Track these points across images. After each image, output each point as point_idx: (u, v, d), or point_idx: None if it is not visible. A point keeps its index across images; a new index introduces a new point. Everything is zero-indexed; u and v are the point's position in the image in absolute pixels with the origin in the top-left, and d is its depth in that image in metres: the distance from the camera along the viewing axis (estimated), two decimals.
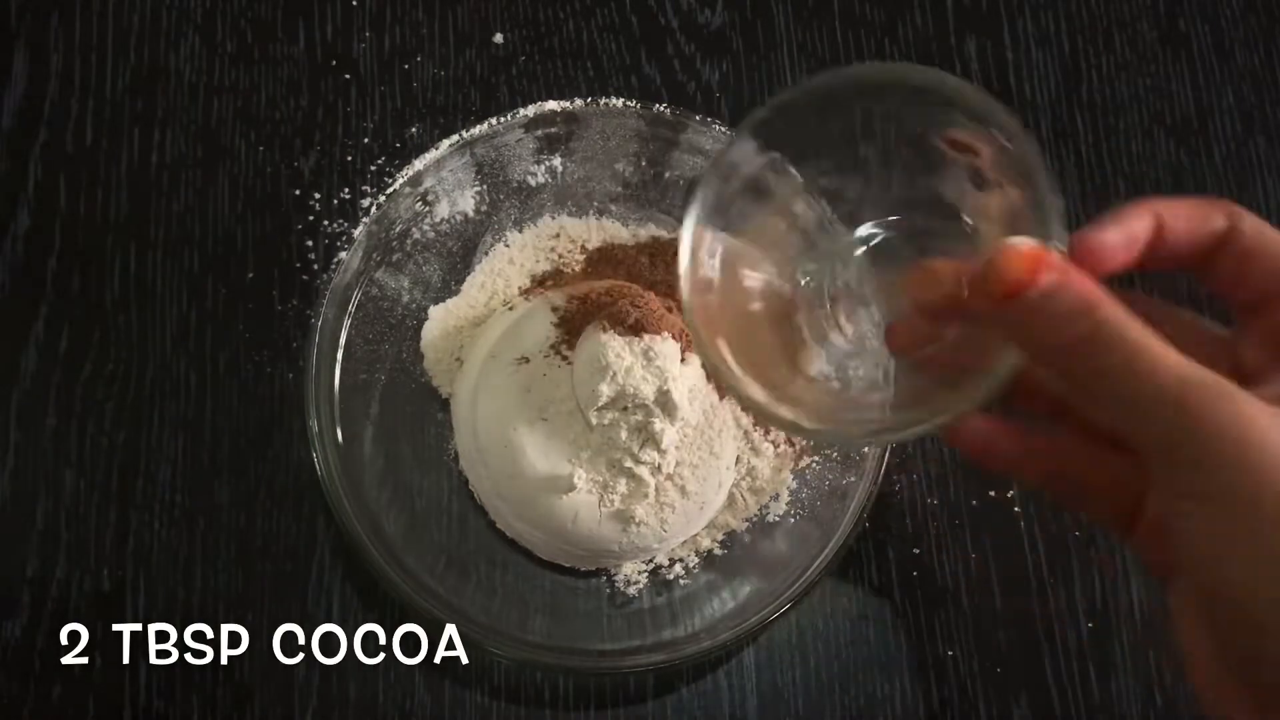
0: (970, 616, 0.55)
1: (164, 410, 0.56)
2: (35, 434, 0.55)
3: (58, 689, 0.52)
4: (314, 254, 0.58)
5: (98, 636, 0.52)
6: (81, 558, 0.53)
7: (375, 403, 0.55)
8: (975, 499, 0.57)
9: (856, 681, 0.54)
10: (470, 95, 0.61)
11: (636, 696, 0.53)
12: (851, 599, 0.55)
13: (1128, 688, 0.55)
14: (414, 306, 0.56)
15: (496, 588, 0.53)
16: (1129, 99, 0.64)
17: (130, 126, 0.60)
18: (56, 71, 0.60)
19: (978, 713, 0.54)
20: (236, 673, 0.52)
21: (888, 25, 0.64)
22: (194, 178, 0.59)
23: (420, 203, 0.55)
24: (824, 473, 0.54)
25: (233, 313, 0.57)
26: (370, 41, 0.62)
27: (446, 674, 0.53)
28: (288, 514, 0.54)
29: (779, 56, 0.63)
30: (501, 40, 0.62)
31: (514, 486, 0.51)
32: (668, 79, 0.62)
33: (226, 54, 0.61)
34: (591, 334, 0.51)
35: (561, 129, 0.56)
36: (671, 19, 0.63)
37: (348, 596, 0.54)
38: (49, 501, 0.54)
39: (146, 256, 0.58)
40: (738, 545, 0.55)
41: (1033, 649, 0.55)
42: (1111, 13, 0.65)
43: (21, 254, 0.57)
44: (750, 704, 0.53)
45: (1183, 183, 0.63)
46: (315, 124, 0.60)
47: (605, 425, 0.50)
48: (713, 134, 0.55)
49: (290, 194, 0.59)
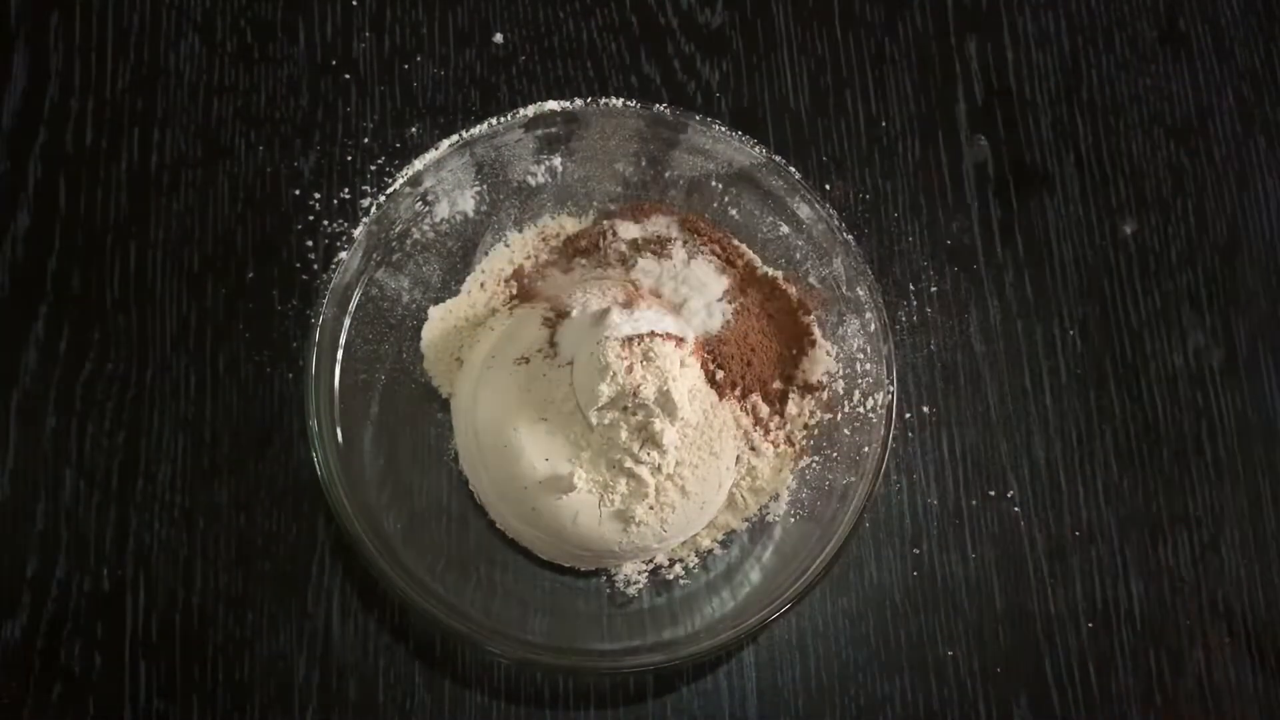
0: (970, 616, 0.55)
1: (164, 410, 0.56)
2: (35, 434, 0.55)
3: (58, 689, 0.52)
4: (314, 254, 0.58)
5: (98, 636, 0.53)
6: (81, 558, 0.53)
7: (375, 403, 0.55)
8: (975, 499, 0.57)
9: (856, 681, 0.54)
10: (470, 95, 0.61)
11: (636, 696, 0.53)
12: (851, 599, 0.55)
13: (1128, 688, 0.55)
14: (414, 306, 0.56)
15: (496, 588, 0.53)
16: (1129, 99, 0.64)
17: (130, 126, 0.60)
18: (56, 71, 0.60)
19: (978, 713, 0.54)
20: (236, 673, 0.52)
21: (888, 25, 0.64)
22: (194, 178, 0.59)
23: (420, 203, 0.55)
24: (824, 473, 0.54)
25: (233, 313, 0.57)
26: (370, 41, 0.62)
27: (446, 674, 0.53)
28: (288, 514, 0.54)
29: (779, 56, 0.63)
30: (501, 40, 0.62)
31: (514, 486, 0.51)
32: (668, 79, 0.62)
33: (226, 54, 0.61)
34: (587, 332, 0.51)
35: (561, 129, 0.56)
36: (671, 19, 0.63)
37: (348, 596, 0.54)
38: (49, 501, 0.54)
39: (146, 256, 0.58)
40: (738, 545, 0.55)
41: (1033, 649, 0.55)
42: (1111, 13, 0.65)
43: (21, 254, 0.57)
44: (750, 704, 0.53)
45: (1183, 183, 0.63)
46: (315, 124, 0.60)
47: (605, 425, 0.50)
48: (713, 134, 0.55)
49: (290, 194, 0.59)
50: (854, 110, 0.63)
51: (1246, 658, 0.55)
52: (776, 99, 0.62)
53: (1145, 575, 0.56)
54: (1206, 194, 0.63)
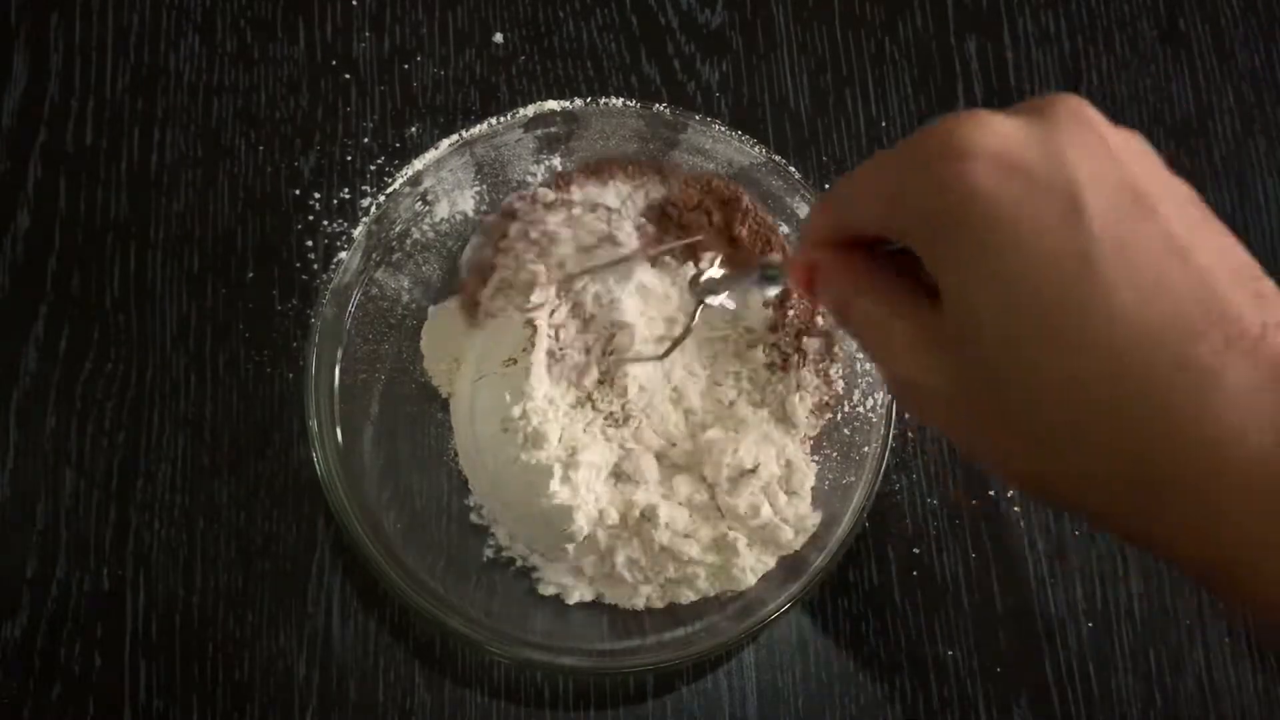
0: (970, 616, 0.55)
1: (164, 410, 0.56)
2: (35, 434, 0.55)
3: (58, 689, 0.52)
4: (314, 254, 0.58)
5: (98, 636, 0.53)
6: (81, 558, 0.53)
7: (375, 403, 0.55)
8: (975, 499, 0.57)
9: (856, 681, 0.54)
10: (470, 95, 0.61)
11: (636, 696, 0.53)
12: (851, 599, 0.55)
13: (1128, 688, 0.55)
14: (414, 306, 0.56)
15: (496, 587, 0.53)
16: (1129, 99, 0.64)
17: (130, 126, 0.60)
18: (56, 71, 0.60)
19: (978, 713, 0.54)
20: (236, 673, 0.52)
21: (888, 25, 0.64)
22: (194, 178, 0.59)
23: (420, 203, 0.55)
24: (824, 473, 0.54)
25: (233, 313, 0.57)
26: (370, 41, 0.62)
27: (446, 674, 0.53)
28: (288, 514, 0.54)
29: (779, 56, 0.63)
30: (501, 40, 0.62)
31: (512, 470, 0.51)
32: (668, 79, 0.62)
33: (226, 54, 0.61)
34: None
35: (561, 129, 0.56)
36: (671, 19, 0.63)
37: (348, 596, 0.54)
38: (49, 501, 0.54)
39: (146, 256, 0.58)
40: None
41: (1033, 649, 0.55)
42: (1111, 12, 0.65)
43: (21, 254, 0.57)
44: (750, 704, 0.53)
45: None
46: (315, 124, 0.60)
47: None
48: (713, 134, 0.55)
49: (290, 194, 0.59)
50: (854, 110, 0.63)
51: (1246, 658, 0.55)
52: (776, 99, 0.62)
53: (1145, 575, 0.56)
54: (1206, 194, 0.62)
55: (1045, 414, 0.30)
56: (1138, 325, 0.28)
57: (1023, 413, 0.30)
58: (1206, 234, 0.30)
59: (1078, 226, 0.29)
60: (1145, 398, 0.28)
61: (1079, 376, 0.29)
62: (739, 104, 0.62)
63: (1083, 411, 0.29)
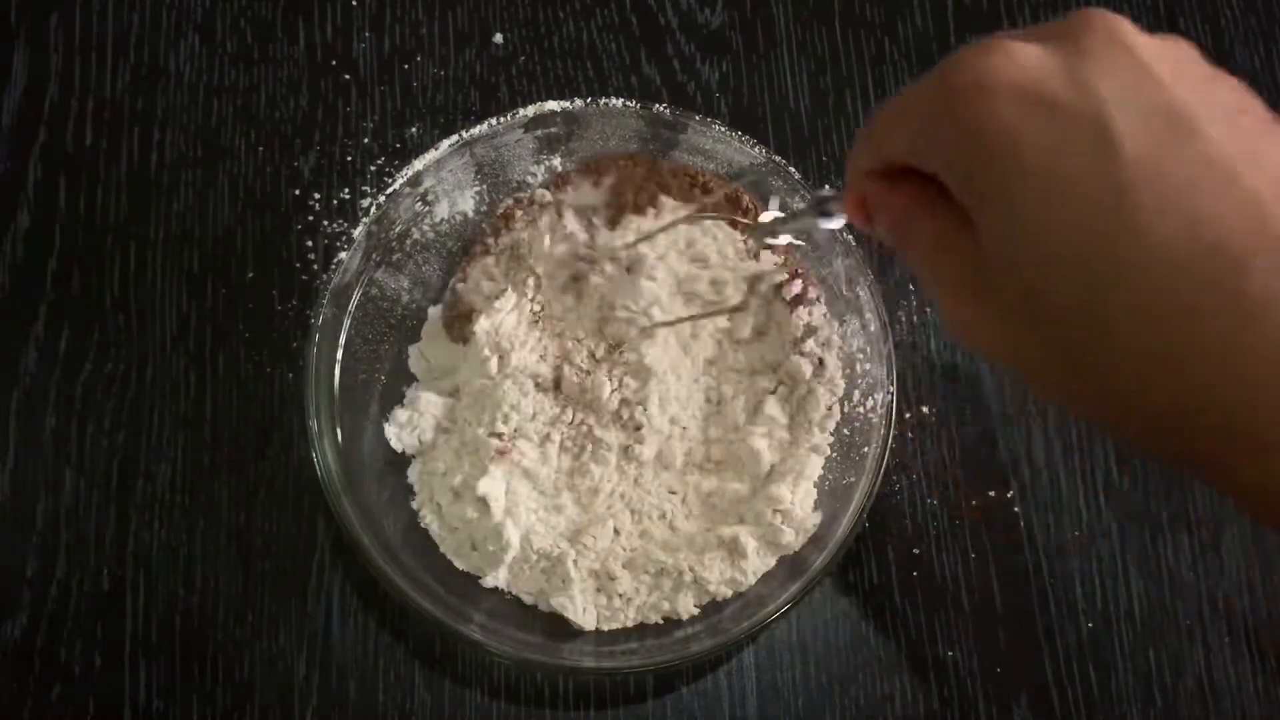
0: (970, 616, 0.55)
1: (164, 410, 0.56)
2: (35, 434, 0.55)
3: (58, 689, 0.52)
4: (314, 254, 0.58)
5: (98, 636, 0.53)
6: (81, 558, 0.53)
7: (375, 403, 0.55)
8: (975, 499, 0.57)
9: (856, 681, 0.54)
10: (470, 95, 0.61)
11: (636, 696, 0.53)
12: (851, 599, 0.55)
13: (1128, 688, 0.55)
14: (414, 306, 0.56)
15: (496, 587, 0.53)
16: None
17: (130, 126, 0.60)
18: (56, 71, 0.60)
19: (978, 713, 0.54)
20: (236, 673, 0.52)
21: (888, 25, 0.64)
22: (194, 178, 0.59)
23: (420, 203, 0.55)
24: (824, 472, 0.54)
25: (232, 312, 0.57)
26: (370, 41, 0.62)
27: (446, 674, 0.53)
28: (288, 514, 0.54)
29: (779, 56, 0.63)
30: (501, 40, 0.62)
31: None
32: (668, 79, 0.62)
33: (226, 54, 0.61)
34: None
35: (561, 129, 0.56)
36: (671, 19, 0.63)
37: (348, 596, 0.54)
38: (49, 501, 0.54)
39: (146, 256, 0.58)
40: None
41: (1033, 649, 0.55)
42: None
43: (21, 254, 0.57)
44: (750, 704, 0.53)
45: None
46: (315, 124, 0.60)
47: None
48: (713, 134, 0.55)
49: (290, 194, 0.59)
50: (854, 110, 0.63)
51: (1246, 658, 0.55)
52: (776, 99, 0.62)
53: (1145, 575, 0.56)
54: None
55: (1093, 355, 0.28)
56: (1183, 259, 0.26)
57: (1066, 355, 0.29)
58: (1260, 146, 0.27)
59: (1109, 158, 0.27)
60: (1188, 335, 0.27)
61: (1119, 317, 0.28)
62: (739, 104, 0.62)
63: (1127, 349, 0.28)
